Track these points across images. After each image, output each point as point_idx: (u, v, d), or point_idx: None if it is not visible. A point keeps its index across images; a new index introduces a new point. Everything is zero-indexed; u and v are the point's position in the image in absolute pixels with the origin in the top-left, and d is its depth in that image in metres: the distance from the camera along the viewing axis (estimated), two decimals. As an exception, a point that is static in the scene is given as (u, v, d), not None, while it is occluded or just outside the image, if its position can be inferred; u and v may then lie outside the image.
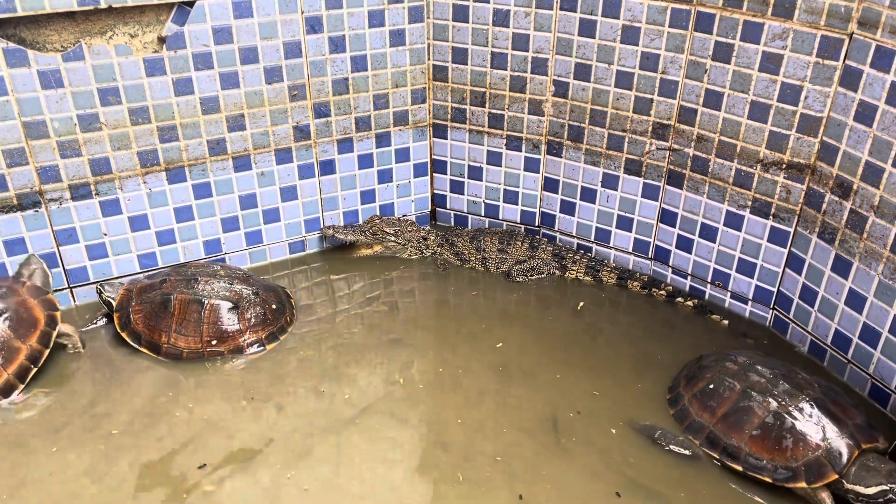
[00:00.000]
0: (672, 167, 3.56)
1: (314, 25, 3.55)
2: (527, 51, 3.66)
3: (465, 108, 3.95)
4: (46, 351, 3.14)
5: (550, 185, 3.96)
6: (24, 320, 3.10)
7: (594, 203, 3.86)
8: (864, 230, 2.98)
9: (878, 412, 3.06)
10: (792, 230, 3.30)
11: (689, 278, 3.73)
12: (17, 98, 3.13)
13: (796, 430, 2.67)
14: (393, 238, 3.99)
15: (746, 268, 3.51)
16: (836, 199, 3.07)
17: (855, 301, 3.09)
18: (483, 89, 3.86)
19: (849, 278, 3.10)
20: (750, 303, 3.57)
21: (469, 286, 3.85)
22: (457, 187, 4.21)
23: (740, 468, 2.72)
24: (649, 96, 3.46)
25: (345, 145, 3.90)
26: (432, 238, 4.07)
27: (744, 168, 3.32)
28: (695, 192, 3.53)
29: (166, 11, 3.27)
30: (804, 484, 2.59)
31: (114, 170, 3.43)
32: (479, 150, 4.03)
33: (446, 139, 4.09)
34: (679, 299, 3.70)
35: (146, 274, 3.68)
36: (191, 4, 3.27)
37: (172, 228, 3.68)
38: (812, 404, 2.73)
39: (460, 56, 3.82)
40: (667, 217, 3.68)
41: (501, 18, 3.64)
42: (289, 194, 3.88)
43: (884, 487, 2.50)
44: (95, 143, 3.34)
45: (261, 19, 3.42)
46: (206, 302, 3.27)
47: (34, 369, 3.09)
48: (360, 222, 4.14)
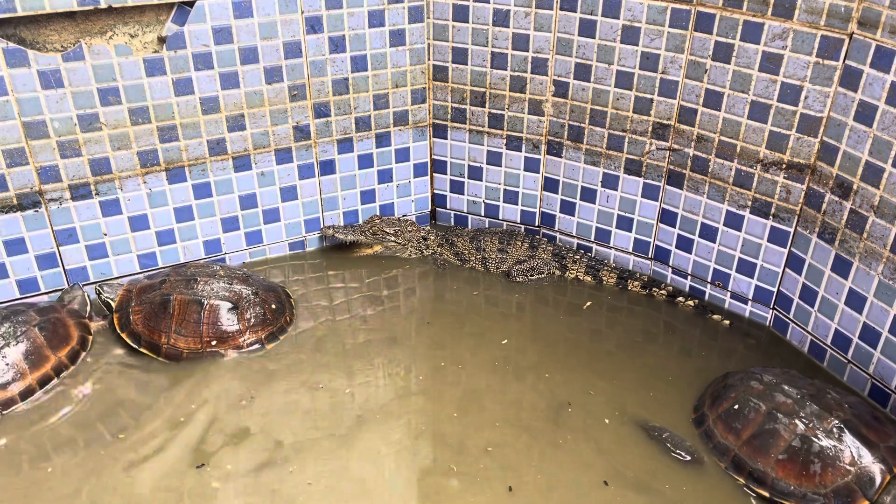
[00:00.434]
0: (672, 167, 3.56)
1: (314, 25, 3.55)
2: (527, 51, 3.66)
3: (465, 108, 3.95)
4: (72, 367, 3.19)
5: (550, 185, 3.96)
6: (59, 334, 3.19)
7: (594, 203, 3.86)
8: (864, 230, 2.98)
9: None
10: (792, 230, 3.30)
11: (689, 278, 3.73)
12: (17, 98, 3.13)
13: (825, 455, 2.57)
14: (393, 238, 3.99)
15: (746, 268, 3.51)
16: (836, 199, 3.07)
17: (855, 301, 3.09)
18: (483, 89, 3.86)
19: (849, 278, 3.10)
20: (750, 303, 3.57)
21: (469, 286, 3.85)
22: (457, 187, 4.21)
23: (767, 494, 2.62)
24: (649, 96, 3.46)
25: (345, 145, 3.90)
26: (432, 238, 4.07)
27: (744, 168, 3.32)
28: (695, 192, 3.53)
29: (166, 11, 3.27)
30: None
31: (114, 170, 3.44)
32: (479, 150, 4.03)
33: (446, 139, 4.09)
34: (679, 299, 3.70)
35: (146, 274, 3.68)
36: (191, 4, 3.27)
37: (172, 228, 3.68)
38: (841, 427, 2.62)
39: (460, 56, 3.82)
40: (667, 217, 3.68)
41: (501, 18, 3.64)
42: (289, 194, 3.88)
43: None
44: (95, 143, 3.34)
45: (261, 19, 3.42)
46: (206, 302, 3.27)
47: (56, 380, 3.13)
48: (360, 222, 4.14)
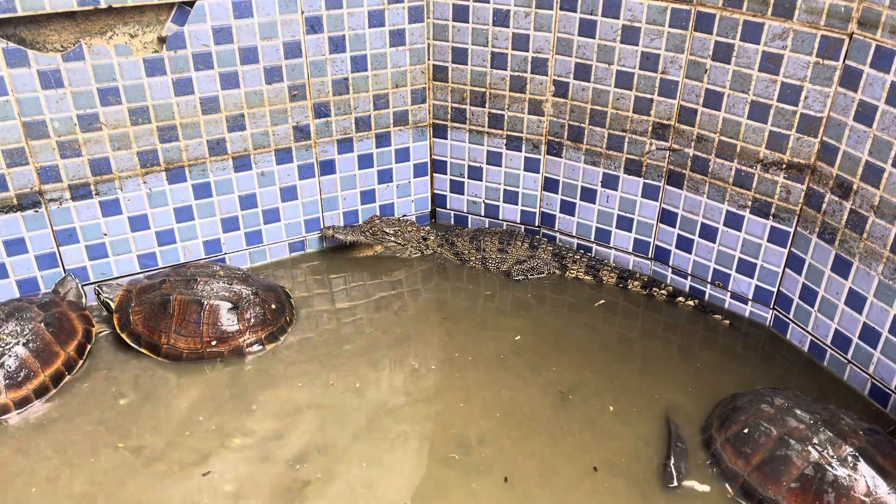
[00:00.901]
0: (672, 167, 3.56)
1: (314, 25, 3.55)
2: (527, 51, 3.66)
3: (465, 108, 3.95)
4: (81, 361, 3.21)
5: (550, 185, 3.96)
6: (65, 329, 3.20)
7: (594, 203, 3.86)
8: (864, 230, 2.98)
9: (879, 412, 3.06)
10: (792, 230, 3.30)
11: (689, 278, 3.73)
12: (17, 98, 3.13)
13: (839, 484, 2.47)
14: (393, 238, 3.99)
15: (746, 268, 3.51)
16: (836, 199, 3.07)
17: (855, 301, 3.09)
18: (483, 89, 3.86)
19: (849, 278, 3.10)
20: (750, 303, 3.57)
21: (469, 286, 3.85)
22: (457, 187, 4.21)
23: None
24: (649, 96, 3.46)
25: (345, 145, 3.90)
26: (432, 238, 4.07)
27: (744, 168, 3.32)
28: (695, 192, 3.53)
29: (166, 11, 3.27)
30: None
31: (114, 170, 3.43)
32: (479, 150, 4.03)
33: (446, 139, 4.09)
34: (680, 299, 3.70)
35: (146, 274, 3.68)
36: (191, 4, 3.27)
37: (172, 228, 3.68)
38: (856, 455, 2.52)
39: (460, 56, 3.82)
40: (667, 217, 3.68)
41: (501, 18, 3.64)
42: (289, 194, 3.88)
43: None
44: (95, 143, 3.34)
45: (261, 19, 3.42)
46: (206, 302, 3.27)
47: (68, 377, 3.14)
48: (360, 222, 4.14)
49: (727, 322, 3.56)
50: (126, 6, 3.17)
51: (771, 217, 3.33)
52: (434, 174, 4.22)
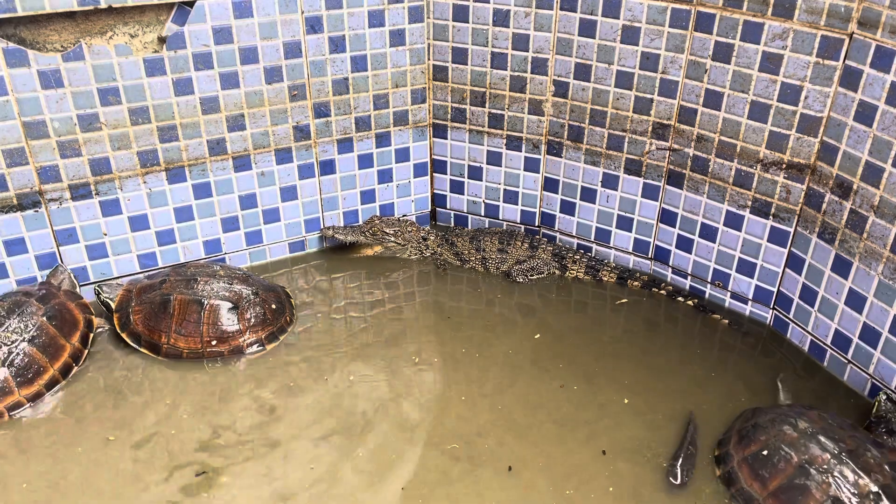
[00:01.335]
0: (672, 167, 3.56)
1: (314, 25, 3.55)
2: (527, 51, 3.66)
3: (465, 108, 3.95)
4: (86, 351, 3.24)
5: (550, 185, 3.96)
6: (67, 320, 3.21)
7: (594, 203, 3.86)
8: (864, 230, 2.98)
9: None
10: (792, 230, 3.30)
11: (689, 278, 3.73)
12: (17, 98, 3.13)
13: None
14: (393, 238, 3.99)
15: (746, 268, 3.51)
16: (836, 199, 3.07)
17: (855, 301, 3.09)
18: (483, 89, 3.86)
19: (849, 278, 3.10)
20: (750, 303, 3.57)
21: (469, 286, 3.86)
22: (457, 187, 4.21)
23: None
24: (649, 96, 3.46)
25: (345, 145, 3.90)
26: (432, 238, 4.07)
27: (744, 168, 3.32)
28: (695, 192, 3.53)
29: (166, 11, 3.27)
30: None
31: (114, 170, 3.43)
32: (479, 150, 4.03)
33: (446, 139, 4.09)
34: (679, 298, 3.70)
35: (146, 274, 3.68)
36: (191, 4, 3.27)
37: (172, 228, 3.68)
38: (879, 493, 2.39)
39: (460, 56, 3.82)
40: (667, 217, 3.68)
41: (501, 18, 3.64)
42: (289, 194, 3.88)
43: None
44: (95, 143, 3.34)
45: (261, 19, 3.42)
46: (206, 302, 3.27)
47: (75, 368, 3.17)
48: (360, 222, 4.14)
49: (726, 321, 3.56)
50: (126, 6, 3.17)
51: (771, 217, 3.33)
52: (434, 174, 4.22)
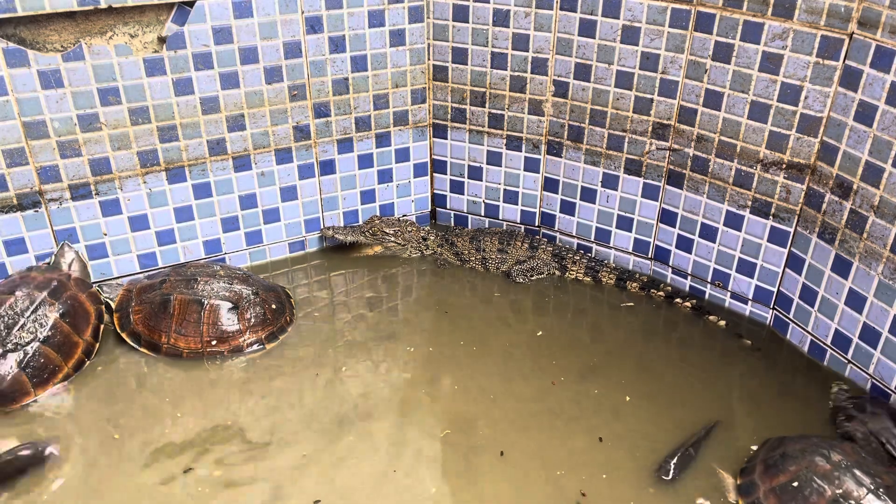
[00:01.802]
0: (672, 167, 3.56)
1: (314, 25, 3.55)
2: (527, 51, 3.66)
3: (465, 108, 3.95)
4: (97, 344, 3.25)
5: (550, 185, 3.96)
6: (80, 315, 3.22)
7: (594, 203, 3.86)
8: (864, 230, 2.98)
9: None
10: (792, 230, 3.30)
11: (689, 278, 3.73)
12: (17, 98, 3.13)
13: None
14: (393, 238, 3.99)
15: (746, 268, 3.51)
16: (836, 199, 3.07)
17: (855, 301, 3.09)
18: (483, 89, 3.86)
19: (849, 278, 3.10)
20: (750, 303, 3.57)
21: (469, 286, 3.86)
22: (457, 187, 4.21)
23: None
24: (649, 96, 3.46)
25: (345, 145, 3.90)
26: (432, 238, 4.07)
27: (744, 168, 3.32)
28: (695, 192, 3.53)
29: (166, 11, 3.27)
30: None
31: (114, 170, 3.43)
32: (479, 150, 4.03)
33: (446, 139, 4.09)
34: (678, 300, 3.70)
35: (146, 274, 3.68)
36: (191, 4, 3.27)
37: (172, 228, 3.68)
38: None
39: (460, 56, 3.82)
40: (667, 217, 3.68)
41: (501, 18, 3.64)
42: (289, 194, 3.88)
43: None
44: (95, 143, 3.34)
45: (261, 19, 3.42)
46: (206, 302, 3.27)
47: (88, 362, 3.19)
48: (360, 222, 4.14)
49: (723, 323, 3.56)
50: (126, 6, 3.17)
51: (771, 217, 3.33)
52: (434, 174, 4.22)
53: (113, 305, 3.39)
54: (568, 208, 3.96)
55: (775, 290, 3.47)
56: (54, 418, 2.96)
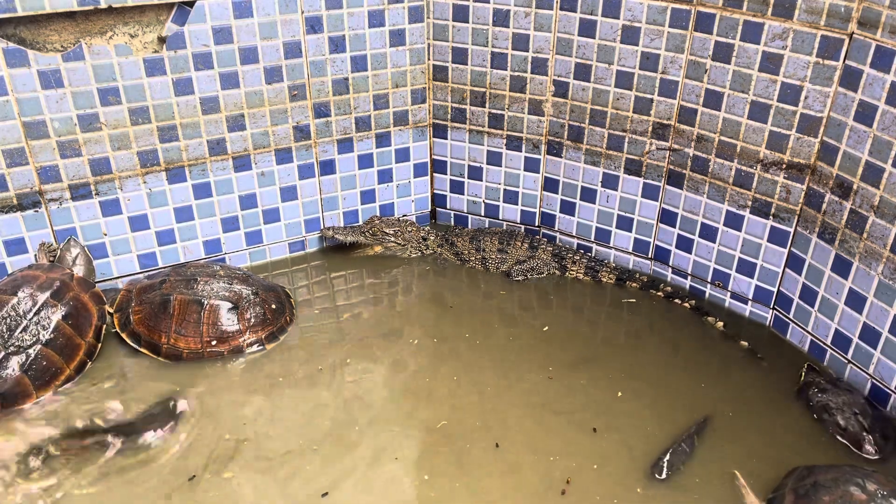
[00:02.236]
0: (672, 167, 3.56)
1: (314, 25, 3.55)
2: (527, 51, 3.66)
3: (465, 108, 3.95)
4: (100, 345, 3.25)
5: (550, 185, 3.96)
6: (82, 316, 3.21)
7: (594, 203, 3.86)
8: (864, 230, 2.98)
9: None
10: (792, 230, 3.30)
11: (689, 278, 3.73)
12: (17, 98, 3.13)
13: None
14: (393, 238, 3.99)
15: (746, 268, 3.51)
16: (836, 199, 3.07)
17: (855, 301, 3.09)
18: (483, 89, 3.86)
19: (849, 278, 3.10)
20: (750, 303, 3.57)
21: (469, 286, 3.86)
22: (457, 187, 4.21)
23: None
24: (649, 96, 3.46)
25: (345, 145, 3.90)
26: (432, 238, 4.07)
27: (744, 168, 3.32)
28: (695, 192, 3.53)
29: (166, 11, 3.27)
30: None
31: (114, 170, 3.44)
32: (479, 150, 4.03)
33: (446, 139, 4.09)
34: (677, 300, 3.70)
35: (146, 274, 3.68)
36: (191, 4, 3.27)
37: (172, 228, 3.68)
38: None
39: (460, 56, 3.82)
40: (667, 217, 3.68)
41: (501, 18, 3.64)
42: (289, 194, 3.88)
43: None
44: (95, 143, 3.34)
45: (261, 19, 3.42)
46: (206, 302, 3.27)
47: (90, 363, 3.19)
48: (360, 223, 4.14)
49: (721, 324, 3.55)
50: (126, 6, 3.17)
51: (771, 217, 3.33)
52: (434, 174, 4.22)
53: (112, 307, 3.39)
54: (568, 208, 3.96)
55: (775, 290, 3.47)
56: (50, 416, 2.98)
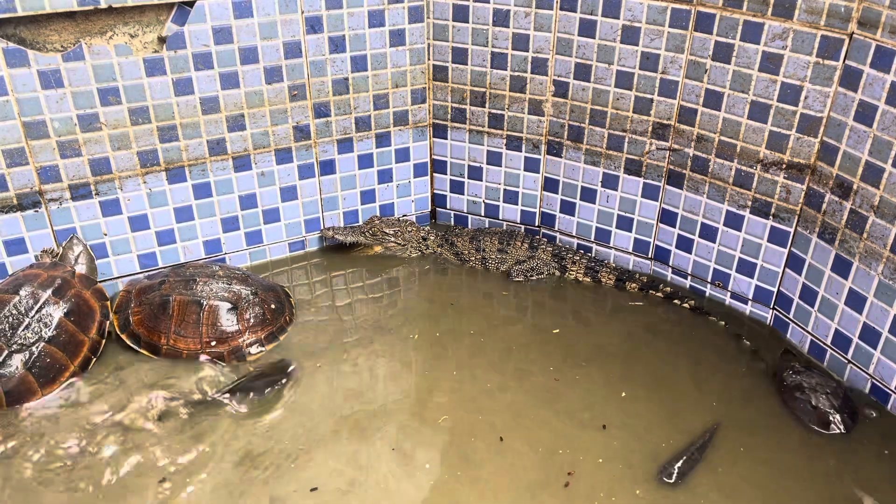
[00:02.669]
0: (672, 167, 3.56)
1: (314, 25, 3.55)
2: (527, 51, 3.66)
3: (465, 108, 3.95)
4: (103, 341, 3.26)
5: (550, 185, 3.96)
6: (84, 313, 3.21)
7: (594, 203, 3.86)
8: (864, 230, 2.98)
9: (878, 412, 3.06)
10: (792, 230, 3.30)
11: (689, 278, 3.73)
12: (17, 98, 3.13)
13: None
14: (393, 238, 3.99)
15: (746, 268, 3.50)
16: (836, 199, 3.07)
17: (855, 301, 3.09)
18: (483, 89, 3.86)
19: (849, 278, 3.09)
20: (750, 303, 3.57)
21: (469, 286, 3.86)
22: (457, 187, 4.21)
23: None
24: (649, 96, 3.46)
25: (345, 145, 3.90)
26: (432, 238, 4.07)
27: (744, 168, 3.32)
28: (695, 192, 3.53)
29: (166, 11, 3.27)
30: None
31: (114, 170, 3.44)
32: (479, 150, 4.03)
33: (446, 139, 4.09)
34: (676, 301, 3.70)
35: (145, 275, 3.68)
36: (191, 4, 3.27)
37: (172, 228, 3.68)
38: None
39: (460, 56, 3.82)
40: (667, 217, 3.68)
41: (501, 18, 3.64)
42: (289, 194, 3.88)
43: None
44: (95, 143, 3.34)
45: (261, 19, 3.42)
46: (205, 303, 3.27)
47: (94, 359, 3.19)
48: (360, 223, 4.14)
49: (723, 323, 3.55)
50: (126, 6, 3.17)
51: (771, 217, 3.33)
52: (434, 174, 4.22)
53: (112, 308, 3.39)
54: (568, 208, 3.96)
55: (775, 290, 3.46)
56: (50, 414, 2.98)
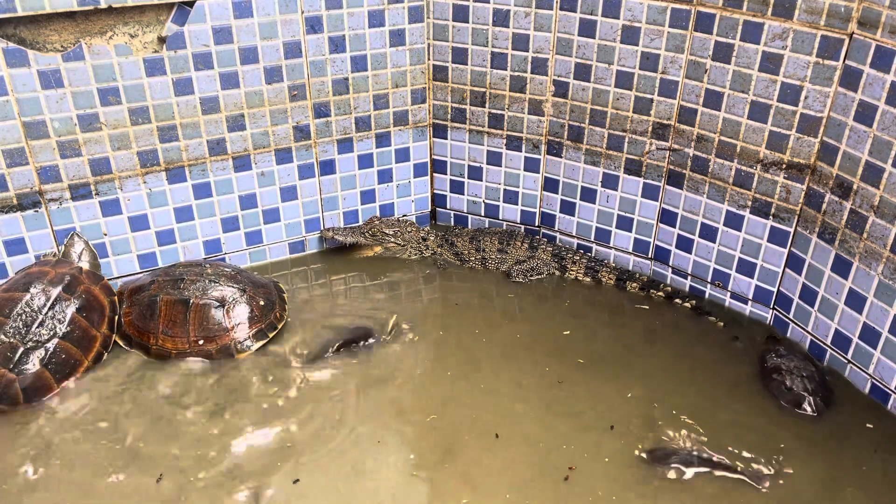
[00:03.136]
0: (672, 167, 3.56)
1: (314, 25, 3.55)
2: (527, 51, 3.66)
3: (465, 108, 3.95)
4: (114, 335, 3.28)
5: (550, 185, 3.96)
6: (95, 309, 3.23)
7: (594, 203, 3.86)
8: (864, 230, 2.98)
9: (879, 412, 3.06)
10: (792, 230, 3.29)
11: (689, 278, 3.73)
12: (17, 98, 3.13)
13: None
14: (392, 239, 3.99)
15: (746, 268, 3.50)
16: (836, 199, 3.07)
17: (855, 301, 3.09)
18: (483, 89, 3.86)
19: (849, 278, 3.09)
20: (750, 303, 3.57)
21: (469, 286, 3.86)
22: (457, 187, 4.21)
23: None
24: (649, 96, 3.46)
25: (345, 145, 3.90)
26: (432, 238, 4.07)
27: (744, 168, 3.32)
28: (695, 192, 3.53)
29: (166, 11, 3.27)
30: None
31: (114, 170, 3.44)
32: (479, 150, 4.03)
33: (446, 139, 4.09)
34: (677, 300, 3.70)
35: (139, 275, 3.67)
36: (191, 4, 3.27)
37: (172, 228, 3.68)
38: None
39: (460, 56, 3.82)
40: (667, 217, 3.68)
41: (501, 18, 3.64)
42: (289, 194, 3.88)
43: None
44: (95, 143, 3.35)
45: (261, 19, 3.42)
46: (192, 302, 3.26)
47: (106, 354, 3.22)
48: (360, 223, 4.14)
49: (721, 323, 3.55)
50: (126, 6, 3.17)
51: (771, 217, 3.33)
52: (434, 174, 4.22)
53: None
54: (568, 208, 3.96)
55: (775, 290, 3.46)
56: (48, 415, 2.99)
